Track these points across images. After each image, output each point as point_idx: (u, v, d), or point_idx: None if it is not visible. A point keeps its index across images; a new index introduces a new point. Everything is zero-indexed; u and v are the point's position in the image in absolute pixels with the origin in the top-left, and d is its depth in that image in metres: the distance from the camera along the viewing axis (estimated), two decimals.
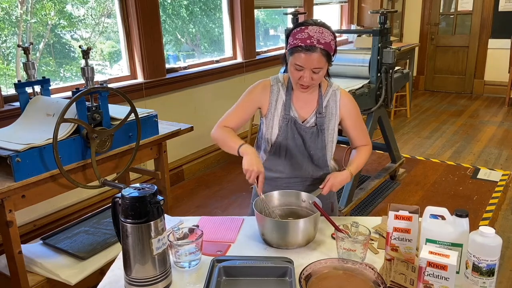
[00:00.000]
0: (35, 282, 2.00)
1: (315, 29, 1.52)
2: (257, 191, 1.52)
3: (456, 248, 1.17)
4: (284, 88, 1.68)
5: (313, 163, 1.72)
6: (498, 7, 6.48)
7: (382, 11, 3.10)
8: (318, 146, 1.69)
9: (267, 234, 1.41)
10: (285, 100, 1.67)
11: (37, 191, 1.87)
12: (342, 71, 3.29)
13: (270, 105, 1.68)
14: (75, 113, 1.90)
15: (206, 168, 4.08)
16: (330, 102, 1.69)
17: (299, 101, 1.68)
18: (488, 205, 3.29)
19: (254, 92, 1.70)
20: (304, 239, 1.40)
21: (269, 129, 1.69)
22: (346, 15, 6.14)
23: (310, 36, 1.50)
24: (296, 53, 1.52)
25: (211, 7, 4.24)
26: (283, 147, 1.69)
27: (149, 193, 1.15)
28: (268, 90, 1.69)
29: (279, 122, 1.67)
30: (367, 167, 3.98)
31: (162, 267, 1.20)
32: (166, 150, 2.44)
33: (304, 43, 1.50)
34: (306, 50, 1.50)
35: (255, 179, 1.50)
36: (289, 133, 1.67)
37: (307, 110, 1.69)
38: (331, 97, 1.69)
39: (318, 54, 1.50)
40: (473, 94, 6.99)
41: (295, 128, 1.66)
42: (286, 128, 1.66)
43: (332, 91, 1.69)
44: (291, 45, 1.54)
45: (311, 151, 1.69)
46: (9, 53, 2.85)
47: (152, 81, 3.43)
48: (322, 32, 1.52)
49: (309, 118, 1.68)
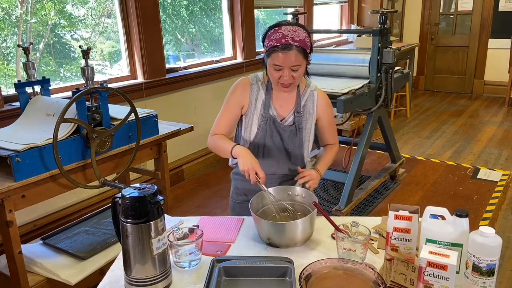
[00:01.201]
0: (35, 282, 2.00)
1: (288, 28, 1.57)
2: (261, 188, 1.53)
3: (456, 248, 1.17)
4: (263, 87, 1.72)
5: (290, 161, 1.76)
6: (498, 7, 6.48)
7: (382, 11, 3.10)
8: (296, 144, 1.74)
9: (265, 235, 1.42)
10: (265, 99, 1.71)
11: (37, 191, 1.87)
12: (342, 71, 3.29)
13: (250, 103, 1.71)
14: (75, 113, 1.90)
15: (206, 168, 4.08)
16: (308, 102, 1.74)
17: (278, 100, 1.72)
18: (488, 205, 3.29)
19: (235, 92, 1.73)
20: (301, 238, 1.41)
21: (248, 127, 1.73)
22: (346, 15, 6.14)
23: (284, 35, 1.55)
24: (273, 53, 1.56)
25: (211, 7, 4.24)
26: (261, 145, 1.73)
27: (149, 193, 1.15)
28: (248, 88, 1.72)
29: (258, 120, 1.71)
30: (367, 167, 3.98)
31: (162, 267, 1.20)
32: (166, 150, 2.44)
33: (279, 42, 1.54)
34: (282, 49, 1.54)
35: (255, 177, 1.53)
36: (268, 132, 1.71)
37: (285, 109, 1.73)
38: (309, 97, 1.74)
39: (295, 51, 1.54)
40: (473, 94, 6.99)
41: (274, 126, 1.71)
42: (265, 126, 1.70)
43: (310, 91, 1.75)
44: (268, 47, 1.58)
45: (289, 149, 1.74)
46: (9, 53, 2.85)
47: (152, 81, 3.43)
48: (295, 30, 1.57)
49: (287, 117, 1.72)
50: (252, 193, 1.56)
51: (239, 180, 1.85)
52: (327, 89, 2.91)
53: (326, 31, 5.08)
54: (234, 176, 1.89)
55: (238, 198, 1.88)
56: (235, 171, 1.87)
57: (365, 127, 3.29)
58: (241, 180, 1.81)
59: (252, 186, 1.59)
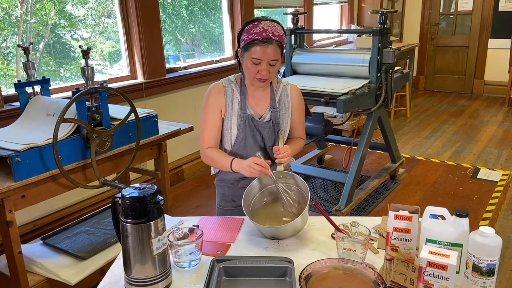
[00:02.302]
0: (35, 282, 2.00)
1: (268, 23, 1.60)
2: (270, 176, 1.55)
3: (456, 248, 1.17)
4: (237, 87, 1.73)
5: (269, 157, 1.76)
6: (498, 7, 6.48)
7: (382, 11, 3.10)
8: (275, 139, 1.76)
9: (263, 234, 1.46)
10: (240, 99, 1.72)
11: (37, 191, 1.87)
12: (342, 71, 3.29)
13: (227, 106, 1.72)
14: (75, 113, 1.90)
15: (206, 168, 4.07)
16: (282, 97, 1.77)
17: (253, 99, 1.74)
18: (488, 205, 3.29)
19: (210, 99, 1.73)
20: (298, 231, 1.46)
21: (228, 129, 1.74)
22: (346, 15, 6.14)
23: (265, 30, 1.57)
24: (253, 47, 1.58)
25: (211, 7, 4.24)
26: (243, 145, 1.74)
27: (149, 193, 1.15)
28: (222, 92, 1.72)
29: (237, 121, 1.72)
30: (367, 167, 3.98)
31: (162, 267, 1.20)
32: (166, 150, 2.44)
33: (260, 36, 1.56)
34: (262, 43, 1.56)
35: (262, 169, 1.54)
36: (248, 131, 1.72)
37: (262, 107, 1.75)
38: (282, 91, 1.77)
39: (274, 46, 1.58)
40: (473, 94, 6.99)
41: (253, 125, 1.72)
42: (244, 126, 1.72)
43: (283, 86, 1.78)
44: (247, 40, 1.59)
45: (269, 145, 1.76)
46: (9, 53, 2.85)
47: (152, 81, 3.43)
48: (275, 26, 1.60)
49: (264, 114, 1.75)
50: (240, 198, 1.54)
51: (225, 186, 1.84)
52: (327, 89, 2.92)
53: (326, 31, 5.08)
54: (219, 183, 1.87)
55: (226, 206, 1.86)
56: (219, 178, 1.86)
57: (365, 127, 3.29)
58: (228, 187, 1.82)
59: (239, 191, 1.60)
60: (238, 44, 1.66)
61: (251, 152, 1.74)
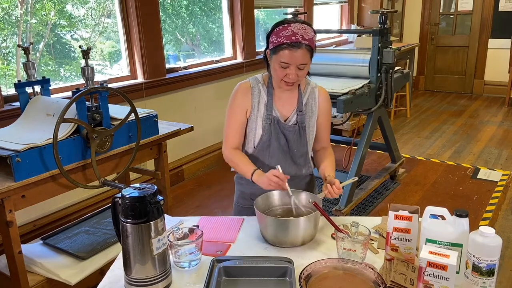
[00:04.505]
0: (35, 282, 2.00)
1: (298, 26, 1.54)
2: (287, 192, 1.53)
3: (456, 248, 1.17)
4: (264, 88, 1.70)
5: (295, 163, 1.74)
6: (498, 7, 6.48)
7: (382, 11, 3.10)
8: (300, 143, 1.72)
9: (268, 232, 1.42)
10: (267, 100, 1.69)
11: (37, 191, 1.87)
12: (342, 71, 3.29)
13: (253, 106, 1.69)
14: (75, 113, 1.90)
15: (206, 168, 4.07)
16: (310, 100, 1.72)
17: (280, 101, 1.70)
18: (488, 205, 3.29)
19: (237, 98, 1.71)
20: (305, 237, 1.40)
21: (252, 130, 1.71)
22: (346, 15, 6.14)
23: (294, 33, 1.52)
24: (281, 50, 1.54)
25: (211, 7, 4.24)
26: (266, 147, 1.71)
27: (149, 193, 1.15)
28: (249, 92, 1.70)
29: (262, 122, 1.69)
30: (367, 167, 3.98)
31: (162, 267, 1.20)
32: (166, 150, 2.44)
33: (289, 40, 1.52)
34: (291, 47, 1.52)
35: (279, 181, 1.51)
36: (273, 133, 1.69)
37: (288, 109, 1.71)
38: (310, 94, 1.73)
39: (303, 50, 1.53)
40: (473, 94, 6.99)
41: (278, 127, 1.69)
42: (269, 128, 1.68)
43: (311, 89, 1.74)
44: (275, 43, 1.55)
45: (294, 149, 1.72)
46: (9, 53, 2.85)
47: (152, 81, 3.43)
48: (305, 29, 1.55)
49: (290, 116, 1.71)
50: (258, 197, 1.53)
51: (244, 184, 1.80)
52: (327, 89, 2.90)
53: (326, 31, 5.06)
54: (239, 180, 1.85)
55: (244, 203, 1.83)
56: (239, 175, 1.83)
57: (365, 127, 3.29)
58: (247, 185, 1.78)
59: (258, 190, 1.58)
60: (267, 45, 1.62)
61: (273, 156, 1.71)
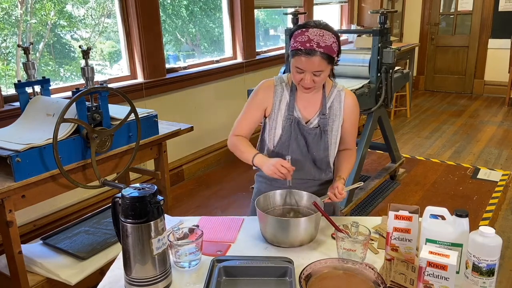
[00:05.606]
0: (35, 282, 2.00)
1: (315, 31, 1.50)
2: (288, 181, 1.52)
3: (456, 248, 1.17)
4: (288, 88, 1.67)
5: (315, 165, 1.70)
6: (498, 7, 6.48)
7: (382, 11, 3.10)
8: (320, 147, 1.67)
9: (269, 232, 1.42)
10: (289, 100, 1.66)
11: (37, 191, 1.87)
12: (342, 71, 3.29)
13: (274, 105, 1.67)
14: (75, 113, 1.90)
15: (206, 168, 4.07)
16: (335, 103, 1.67)
17: (302, 101, 1.66)
18: (488, 205, 3.29)
19: (258, 94, 1.69)
20: (305, 238, 1.40)
21: (272, 129, 1.68)
22: (346, 15, 6.14)
23: (310, 39, 1.48)
24: (297, 56, 1.51)
25: (211, 7, 4.24)
26: (285, 148, 1.67)
27: (149, 193, 1.15)
28: (272, 90, 1.67)
29: (283, 122, 1.66)
30: (367, 167, 3.98)
31: (162, 267, 1.20)
32: (166, 150, 2.44)
33: (304, 46, 1.48)
34: (306, 54, 1.48)
35: (286, 172, 1.50)
36: (292, 134, 1.66)
37: (310, 111, 1.67)
38: (335, 97, 1.67)
39: (318, 57, 1.48)
40: (473, 94, 6.99)
41: (298, 129, 1.65)
42: (289, 128, 1.65)
43: (337, 92, 1.68)
44: (292, 48, 1.53)
45: (313, 153, 1.68)
46: (9, 53, 2.85)
47: (152, 81, 3.43)
48: (322, 35, 1.49)
49: (312, 119, 1.67)
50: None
51: (263, 183, 1.78)
52: None
53: None
54: (258, 178, 1.82)
55: None
56: (259, 174, 1.80)
57: (365, 127, 3.29)
58: (265, 183, 1.76)
59: (276, 189, 1.57)
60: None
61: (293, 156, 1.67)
